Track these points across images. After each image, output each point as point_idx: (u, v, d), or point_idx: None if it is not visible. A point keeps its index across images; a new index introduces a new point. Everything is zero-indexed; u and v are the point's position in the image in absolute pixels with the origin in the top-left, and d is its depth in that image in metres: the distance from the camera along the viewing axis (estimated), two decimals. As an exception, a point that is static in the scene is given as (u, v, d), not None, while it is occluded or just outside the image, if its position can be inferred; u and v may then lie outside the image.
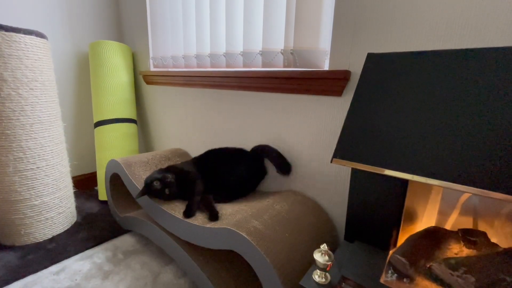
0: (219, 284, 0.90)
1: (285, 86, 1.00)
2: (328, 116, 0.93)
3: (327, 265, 0.57)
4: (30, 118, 1.09)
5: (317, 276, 0.59)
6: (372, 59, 0.67)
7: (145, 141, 1.88)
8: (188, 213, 0.92)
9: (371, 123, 0.61)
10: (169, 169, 1.07)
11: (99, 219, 1.42)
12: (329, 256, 0.57)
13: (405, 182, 0.62)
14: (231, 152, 1.17)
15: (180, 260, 1.00)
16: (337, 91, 0.88)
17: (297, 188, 1.07)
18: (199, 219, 0.90)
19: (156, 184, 0.96)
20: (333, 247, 0.94)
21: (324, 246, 0.58)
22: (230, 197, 1.06)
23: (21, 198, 1.13)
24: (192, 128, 1.48)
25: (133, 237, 1.30)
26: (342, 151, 0.61)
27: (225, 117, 1.27)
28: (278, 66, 1.01)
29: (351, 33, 0.83)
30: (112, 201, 1.37)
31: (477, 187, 0.46)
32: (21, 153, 1.09)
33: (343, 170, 0.92)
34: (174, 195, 1.00)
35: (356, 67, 0.84)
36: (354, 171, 0.68)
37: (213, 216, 0.86)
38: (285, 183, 1.11)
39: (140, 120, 1.85)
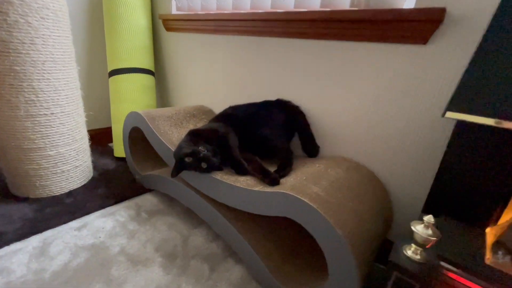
0: (259, 249, 0.82)
1: (350, 32, 0.83)
2: (404, 69, 0.77)
3: (430, 241, 0.46)
4: (41, 54, 0.93)
5: (411, 252, 0.49)
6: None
7: (161, 96, 1.72)
8: (241, 171, 0.82)
9: (501, 75, 0.46)
10: (196, 136, 0.90)
11: (116, 176, 1.32)
12: (433, 230, 0.46)
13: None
14: (258, 105, 1.04)
15: (215, 223, 0.91)
16: (422, 38, 0.72)
17: (347, 154, 0.95)
18: (242, 182, 0.79)
19: (189, 160, 0.81)
20: (389, 221, 0.85)
21: (429, 218, 0.46)
22: (268, 153, 0.94)
23: (35, 147, 1.01)
24: (220, 84, 1.31)
25: (155, 197, 1.21)
26: (460, 104, 0.48)
27: (265, 72, 1.11)
28: (343, 6, 0.83)
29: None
30: (132, 158, 1.26)
31: None
32: (33, 95, 0.95)
33: (411, 136, 0.79)
34: (214, 166, 0.83)
35: (459, 2, 0.66)
36: (458, 131, 0.55)
37: (273, 180, 0.74)
38: (331, 147, 0.99)
39: (157, 72, 1.67)
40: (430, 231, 0.46)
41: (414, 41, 0.74)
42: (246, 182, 0.78)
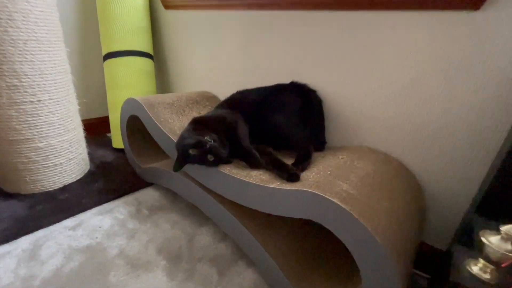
0: (274, 252, 0.72)
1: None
2: (449, 42, 0.64)
3: (508, 259, 0.36)
4: (22, 32, 0.81)
5: (478, 269, 0.39)
6: None
7: (161, 81, 1.60)
8: (253, 163, 0.72)
9: None
10: (201, 124, 0.79)
11: (115, 169, 1.23)
12: (513, 245, 0.36)
13: None
14: (269, 89, 0.92)
15: (223, 222, 0.81)
16: (473, 2, 0.59)
17: (372, 144, 0.84)
18: (254, 177, 0.69)
19: (193, 152, 0.71)
20: (424, 221, 0.75)
21: (509, 229, 0.36)
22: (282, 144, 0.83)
23: (22, 138, 0.91)
24: (225, 66, 1.19)
25: (157, 191, 1.11)
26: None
27: (277, 51, 0.98)
28: (373, -32, 0.70)
29: None
30: (131, 149, 1.16)
31: None
32: (16, 80, 0.84)
33: (453, 121, 0.68)
34: (222, 159, 0.72)
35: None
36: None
37: (292, 175, 0.63)
38: (353, 137, 0.87)
39: (156, 55, 1.54)
40: (510, 246, 0.36)
41: (463, 6, 0.61)
42: (259, 178, 0.68)
